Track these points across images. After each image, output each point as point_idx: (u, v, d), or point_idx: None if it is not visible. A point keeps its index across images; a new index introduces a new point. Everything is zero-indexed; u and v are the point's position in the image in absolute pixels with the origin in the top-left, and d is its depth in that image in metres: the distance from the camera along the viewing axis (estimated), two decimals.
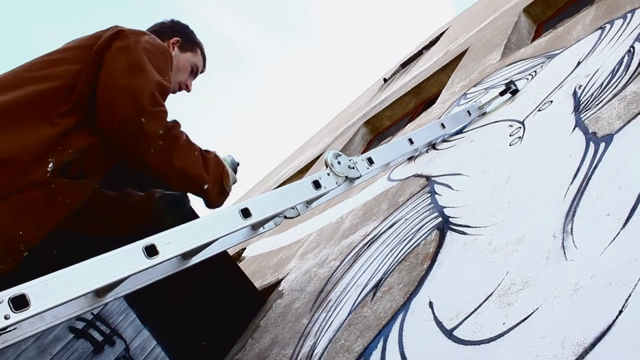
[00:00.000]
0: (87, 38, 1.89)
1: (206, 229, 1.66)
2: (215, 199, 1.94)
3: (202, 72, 2.33)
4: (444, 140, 3.25)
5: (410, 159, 3.39)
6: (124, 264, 1.49)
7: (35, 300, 1.35)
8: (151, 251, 1.54)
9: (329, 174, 2.07)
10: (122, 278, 1.50)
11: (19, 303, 1.33)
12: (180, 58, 2.18)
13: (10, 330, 1.36)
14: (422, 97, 6.42)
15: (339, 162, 2.13)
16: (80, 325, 2.87)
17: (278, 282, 3.58)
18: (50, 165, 1.66)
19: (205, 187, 1.90)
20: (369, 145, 6.69)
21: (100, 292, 1.85)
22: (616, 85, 2.14)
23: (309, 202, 2.34)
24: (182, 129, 1.89)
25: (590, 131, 1.96)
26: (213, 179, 1.92)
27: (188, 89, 2.24)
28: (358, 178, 2.21)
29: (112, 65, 1.77)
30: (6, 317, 1.30)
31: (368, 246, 2.69)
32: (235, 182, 2.08)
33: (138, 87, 1.76)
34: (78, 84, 1.76)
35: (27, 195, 1.62)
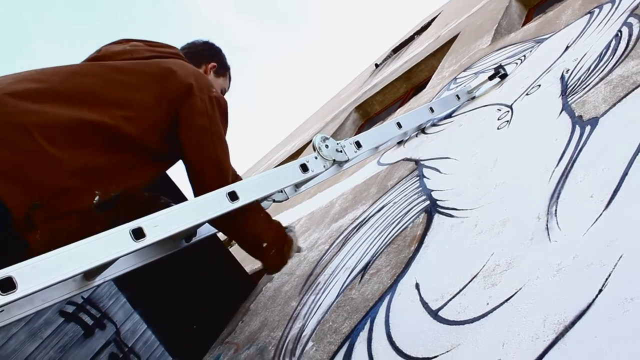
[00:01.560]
0: (154, 67, 1.89)
1: (193, 212, 1.66)
2: (272, 261, 2.11)
3: (226, 92, 2.42)
4: (434, 125, 3.26)
5: (399, 143, 3.40)
6: (111, 247, 1.50)
7: (22, 283, 1.35)
8: (138, 234, 1.54)
9: (316, 158, 2.08)
10: (109, 261, 1.50)
11: (6, 286, 1.33)
12: (214, 83, 2.24)
13: None
14: (413, 82, 6.42)
15: (326, 146, 2.14)
16: (70, 309, 2.87)
17: None
18: (97, 198, 1.69)
19: (264, 245, 2.06)
20: (360, 130, 6.69)
21: (89, 275, 1.86)
22: (603, 69, 2.15)
23: (297, 186, 2.35)
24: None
25: (576, 114, 1.97)
26: (273, 240, 2.07)
27: None
28: (346, 162, 2.22)
29: (200, 135, 1.87)
30: None
31: (357, 229, 2.71)
32: (299, 250, 2.24)
33: (223, 161, 1.92)
34: (145, 120, 1.79)
35: (66, 222, 1.64)
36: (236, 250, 4.77)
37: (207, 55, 2.29)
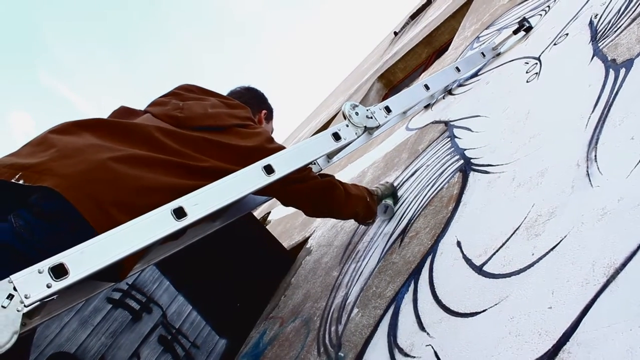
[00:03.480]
0: (243, 150, 1.99)
1: (231, 188, 1.68)
2: (364, 221, 2.51)
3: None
4: (460, 85, 3.22)
5: (426, 107, 3.37)
6: (154, 228, 1.52)
7: (74, 268, 1.39)
8: (179, 213, 1.57)
9: (347, 125, 2.07)
10: (155, 241, 1.53)
11: (59, 272, 1.37)
12: (268, 128, 2.53)
13: (53, 299, 1.40)
14: (435, 46, 6.33)
15: (356, 113, 2.13)
16: (117, 295, 2.94)
17: (305, 240, 3.62)
18: None
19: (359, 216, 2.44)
20: (384, 100, 6.65)
21: (134, 260, 1.90)
22: (635, 9, 2.08)
23: (329, 156, 2.36)
24: (340, 186, 2.33)
25: (609, 58, 1.92)
26: (363, 211, 2.41)
27: None
28: (377, 127, 2.21)
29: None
30: (48, 286, 1.35)
31: None
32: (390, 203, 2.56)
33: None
34: None
35: None
36: (272, 228, 4.81)
37: (257, 104, 2.51)
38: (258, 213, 6.17)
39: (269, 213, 5.72)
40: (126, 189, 1.60)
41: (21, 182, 1.55)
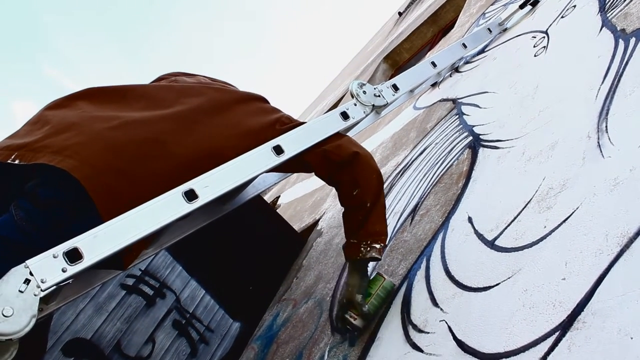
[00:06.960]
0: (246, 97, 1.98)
1: (241, 169, 1.68)
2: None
3: None
4: (467, 62, 3.19)
5: (433, 85, 3.35)
6: (167, 211, 1.53)
7: (88, 252, 1.40)
8: (191, 196, 1.57)
9: (355, 104, 2.06)
10: (167, 224, 1.53)
11: (73, 256, 1.38)
12: None
13: (68, 284, 1.41)
14: (440, 25, 6.27)
15: (364, 92, 2.11)
16: (130, 281, 2.96)
17: (316, 222, 3.63)
18: None
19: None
20: None
21: (146, 243, 1.91)
22: None
23: None
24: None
25: (618, 28, 1.90)
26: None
27: None
28: (385, 106, 2.20)
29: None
30: (64, 270, 1.36)
31: (401, 175, 2.70)
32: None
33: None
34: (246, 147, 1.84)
35: None
36: (282, 212, 4.82)
37: None
38: (268, 197, 6.19)
39: (278, 197, 5.73)
40: (124, 156, 1.59)
41: (17, 162, 1.53)
